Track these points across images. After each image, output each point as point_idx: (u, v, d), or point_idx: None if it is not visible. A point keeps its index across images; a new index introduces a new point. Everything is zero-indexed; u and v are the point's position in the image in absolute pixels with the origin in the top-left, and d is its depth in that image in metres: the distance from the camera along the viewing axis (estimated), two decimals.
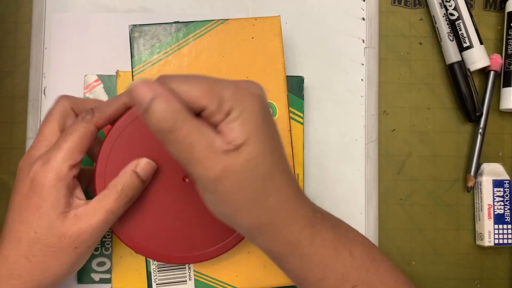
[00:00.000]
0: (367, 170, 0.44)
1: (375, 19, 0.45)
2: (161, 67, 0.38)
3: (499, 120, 0.46)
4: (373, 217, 0.43)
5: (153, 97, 0.26)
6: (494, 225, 0.44)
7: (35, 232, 0.31)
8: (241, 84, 0.28)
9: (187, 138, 0.26)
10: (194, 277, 0.39)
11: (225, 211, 0.29)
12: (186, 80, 0.27)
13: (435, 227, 0.45)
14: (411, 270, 0.44)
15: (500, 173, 0.45)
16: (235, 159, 0.27)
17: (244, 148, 0.27)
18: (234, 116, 0.27)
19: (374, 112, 0.44)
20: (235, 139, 0.27)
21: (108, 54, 0.43)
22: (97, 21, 0.43)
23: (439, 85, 0.46)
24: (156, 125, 0.26)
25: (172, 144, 0.27)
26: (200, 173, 0.27)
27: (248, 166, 0.27)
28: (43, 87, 0.42)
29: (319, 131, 0.44)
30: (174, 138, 0.26)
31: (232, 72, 0.39)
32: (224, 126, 0.27)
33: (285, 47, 0.42)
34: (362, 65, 0.44)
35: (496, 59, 0.45)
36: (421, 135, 0.45)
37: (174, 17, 0.43)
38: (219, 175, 0.27)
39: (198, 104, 0.27)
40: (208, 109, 0.27)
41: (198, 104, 0.27)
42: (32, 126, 0.42)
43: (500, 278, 0.45)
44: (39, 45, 0.43)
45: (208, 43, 0.39)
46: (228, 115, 0.27)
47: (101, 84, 0.41)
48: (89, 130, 0.33)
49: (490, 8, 0.47)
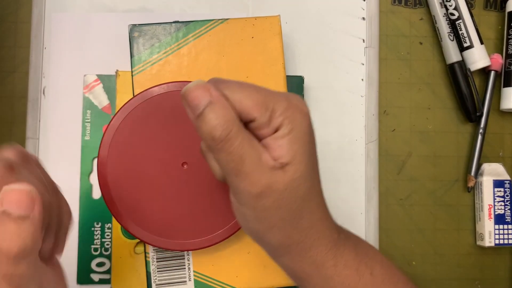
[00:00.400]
0: (367, 170, 0.43)
1: (375, 19, 0.45)
2: (160, 66, 0.38)
3: (500, 120, 0.46)
4: (373, 217, 0.43)
5: (209, 103, 0.25)
6: (494, 225, 0.44)
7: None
8: (293, 99, 0.28)
9: (239, 149, 0.25)
10: (194, 278, 0.39)
11: (259, 227, 0.28)
12: (241, 88, 0.26)
13: (436, 227, 0.45)
14: (412, 270, 0.44)
15: (501, 173, 0.45)
16: (280, 177, 0.26)
17: (290, 167, 0.26)
18: (283, 132, 0.26)
19: (374, 112, 0.44)
20: (282, 157, 0.26)
21: (107, 54, 0.43)
22: (97, 21, 0.43)
23: (440, 85, 0.46)
24: (209, 132, 0.25)
25: (223, 153, 0.26)
26: (244, 187, 0.26)
27: (291, 186, 0.27)
28: (43, 87, 0.42)
29: (319, 131, 0.43)
30: (226, 148, 0.25)
31: (232, 72, 0.39)
32: (271, 141, 0.26)
33: (285, 47, 0.42)
34: (362, 65, 0.44)
35: (497, 59, 0.45)
36: (421, 135, 0.45)
37: (174, 16, 0.43)
38: (262, 191, 0.26)
39: (249, 114, 0.26)
40: (258, 121, 0.26)
41: (249, 115, 0.26)
42: (32, 126, 0.42)
43: (500, 279, 0.45)
44: (38, 45, 0.43)
45: (208, 43, 0.39)
46: (277, 131, 0.27)
47: (101, 84, 0.41)
48: None
49: (491, 8, 0.47)
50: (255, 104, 0.26)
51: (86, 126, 0.41)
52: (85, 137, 0.41)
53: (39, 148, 0.42)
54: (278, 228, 0.28)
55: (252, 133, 0.27)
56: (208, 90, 0.25)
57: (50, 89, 0.42)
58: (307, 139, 0.27)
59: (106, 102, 0.41)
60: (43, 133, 0.42)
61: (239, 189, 0.27)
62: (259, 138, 0.27)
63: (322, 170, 0.43)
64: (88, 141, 0.41)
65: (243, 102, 0.26)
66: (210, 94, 0.25)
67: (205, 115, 0.25)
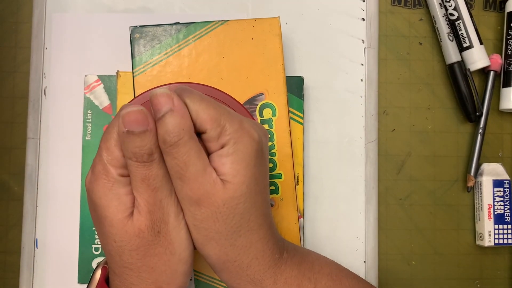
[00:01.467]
0: (366, 170, 0.44)
1: (374, 19, 0.45)
2: (161, 67, 0.38)
3: (499, 120, 0.46)
4: (373, 217, 0.43)
5: (170, 110, 0.28)
6: (494, 225, 0.44)
7: None
8: (246, 123, 0.30)
9: (184, 156, 0.28)
10: (194, 277, 0.39)
11: (197, 237, 0.30)
12: (201, 101, 0.29)
13: (435, 227, 0.45)
14: (411, 270, 0.44)
15: (500, 173, 0.45)
16: (219, 191, 0.28)
17: (230, 185, 0.28)
18: (227, 151, 0.29)
19: (374, 112, 0.44)
20: (224, 174, 0.28)
21: (108, 55, 0.43)
22: (98, 22, 0.43)
23: (439, 85, 0.46)
24: (162, 135, 0.28)
25: (169, 156, 0.28)
26: (186, 192, 0.28)
27: (229, 202, 0.28)
28: (44, 88, 0.42)
29: (318, 131, 0.44)
30: (173, 153, 0.28)
31: (232, 73, 0.39)
32: (216, 158, 0.29)
33: (285, 47, 0.42)
34: (362, 65, 0.44)
35: (496, 59, 0.45)
36: (421, 135, 0.45)
37: (174, 17, 0.43)
38: (200, 199, 0.28)
39: (202, 126, 0.29)
40: (208, 134, 0.29)
41: (201, 126, 0.29)
42: (32, 126, 0.42)
43: (500, 278, 0.45)
44: (39, 45, 0.43)
45: (208, 44, 0.39)
46: (223, 147, 0.29)
47: (102, 85, 0.42)
48: None
49: (490, 8, 0.47)
50: (209, 118, 0.28)
51: (87, 126, 0.42)
52: (86, 137, 0.41)
53: (40, 148, 0.42)
54: (215, 241, 0.29)
55: (203, 144, 0.29)
56: (171, 99, 0.28)
57: (51, 89, 0.42)
58: (252, 162, 0.29)
59: (107, 103, 0.42)
60: (44, 133, 0.42)
61: (181, 193, 0.29)
62: (208, 151, 0.29)
63: (322, 170, 0.43)
64: (89, 141, 0.41)
65: (200, 113, 0.28)
66: (172, 103, 0.28)
67: (163, 119, 0.28)
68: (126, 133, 0.27)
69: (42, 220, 0.42)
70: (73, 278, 0.41)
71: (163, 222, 0.29)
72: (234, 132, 0.29)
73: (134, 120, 0.27)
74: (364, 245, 0.43)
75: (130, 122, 0.27)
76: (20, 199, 0.42)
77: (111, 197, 0.29)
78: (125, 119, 0.28)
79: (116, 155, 0.29)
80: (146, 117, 0.28)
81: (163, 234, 0.29)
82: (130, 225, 0.29)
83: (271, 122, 0.39)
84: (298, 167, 0.41)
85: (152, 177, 0.28)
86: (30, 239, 0.41)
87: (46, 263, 0.41)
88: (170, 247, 0.29)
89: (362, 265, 0.43)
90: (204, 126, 0.29)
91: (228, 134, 0.29)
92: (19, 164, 0.42)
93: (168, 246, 0.29)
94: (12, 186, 0.42)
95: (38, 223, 0.41)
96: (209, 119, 0.28)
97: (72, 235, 0.41)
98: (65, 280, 0.41)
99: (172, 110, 0.28)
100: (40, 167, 0.42)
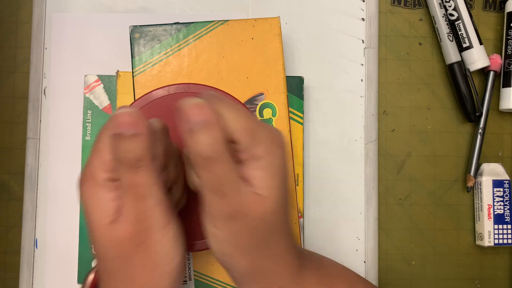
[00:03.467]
0: (366, 170, 0.44)
1: (374, 20, 0.45)
2: (161, 67, 0.38)
3: (499, 120, 0.46)
4: (373, 217, 0.43)
5: (204, 122, 0.26)
6: (494, 225, 0.44)
7: None
8: (274, 132, 0.29)
9: (221, 171, 0.26)
10: (194, 277, 0.39)
11: (227, 250, 0.29)
12: (233, 110, 0.27)
13: (435, 227, 0.45)
14: (411, 270, 0.44)
15: (500, 173, 0.45)
16: (255, 205, 0.27)
17: (266, 200, 0.27)
18: (262, 164, 0.27)
19: (373, 112, 0.44)
20: (260, 189, 0.27)
21: (108, 55, 0.43)
22: (97, 21, 0.43)
23: (439, 85, 0.46)
24: (197, 151, 0.26)
25: (205, 171, 0.27)
26: (221, 207, 0.27)
27: (264, 216, 0.27)
28: (43, 87, 0.42)
29: (318, 131, 0.44)
30: (210, 167, 0.26)
31: (232, 73, 0.39)
32: (249, 170, 0.27)
33: (285, 47, 0.42)
34: (362, 65, 0.44)
35: (496, 59, 0.45)
36: (421, 135, 0.45)
37: (174, 17, 0.43)
38: (236, 214, 0.27)
39: (234, 136, 0.27)
40: (240, 145, 0.27)
41: (233, 136, 0.27)
42: (32, 127, 0.42)
43: (500, 278, 0.45)
44: (39, 45, 0.43)
45: (208, 44, 0.39)
46: (256, 160, 0.27)
47: (101, 85, 0.42)
48: None
49: (490, 9, 0.47)
50: (241, 128, 0.27)
51: (87, 126, 0.41)
52: (86, 137, 0.41)
53: (40, 148, 0.42)
54: (247, 253, 0.29)
55: (231, 153, 0.27)
56: (205, 109, 0.26)
57: (51, 89, 0.42)
58: (282, 173, 0.28)
59: (106, 103, 0.42)
60: (43, 133, 0.42)
61: (215, 207, 0.27)
62: (238, 160, 0.28)
63: (322, 170, 0.43)
64: (88, 141, 0.41)
65: (233, 122, 0.27)
66: (206, 114, 0.26)
67: (197, 134, 0.26)
68: (116, 135, 0.26)
69: (42, 220, 0.42)
70: (73, 278, 0.41)
71: (147, 233, 0.27)
72: (265, 142, 0.27)
73: (124, 122, 0.26)
74: (364, 245, 0.43)
75: (120, 124, 0.26)
76: (20, 199, 0.42)
77: (96, 202, 0.27)
78: (115, 120, 0.26)
79: (105, 158, 0.27)
80: (138, 121, 0.26)
81: (147, 245, 0.28)
82: (112, 233, 0.27)
83: (271, 122, 0.39)
84: (298, 167, 0.41)
85: (139, 184, 0.27)
86: (29, 239, 0.41)
87: (46, 263, 0.41)
88: (154, 260, 0.28)
89: (362, 265, 0.43)
90: (236, 136, 0.27)
91: (262, 145, 0.27)
92: (19, 164, 0.42)
93: (151, 258, 0.28)
94: (12, 186, 0.42)
95: (38, 223, 0.41)
96: (241, 129, 0.27)
97: (72, 235, 0.41)
98: (64, 280, 0.41)
99: (206, 123, 0.26)
100: (40, 167, 0.42)
